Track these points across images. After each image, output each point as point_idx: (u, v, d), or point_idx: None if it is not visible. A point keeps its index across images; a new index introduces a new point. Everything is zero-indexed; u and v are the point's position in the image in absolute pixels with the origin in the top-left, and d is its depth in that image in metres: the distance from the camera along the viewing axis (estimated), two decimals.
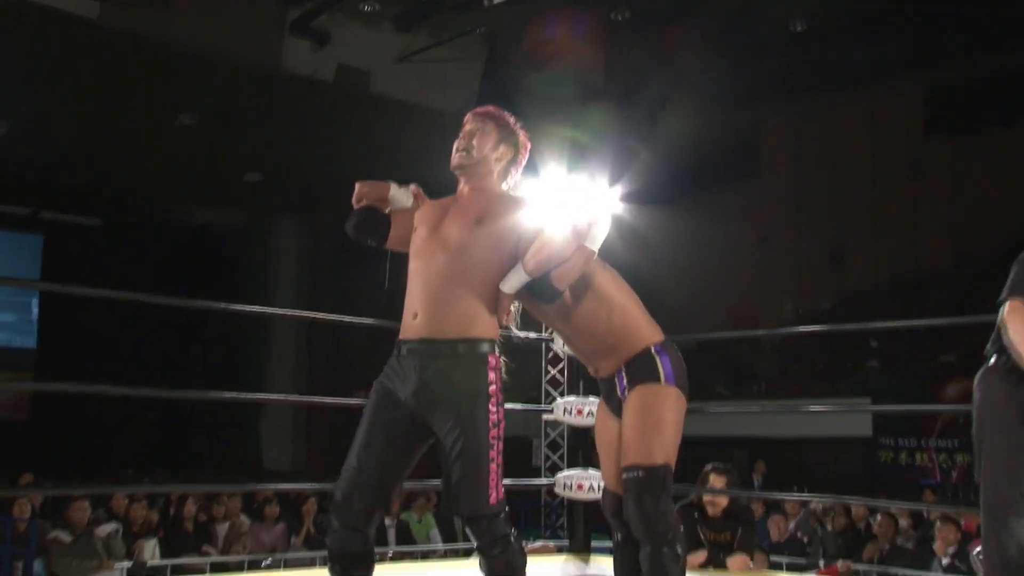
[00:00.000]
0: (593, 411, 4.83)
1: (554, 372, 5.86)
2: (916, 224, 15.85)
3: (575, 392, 5.25)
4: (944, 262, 15.62)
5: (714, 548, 5.14)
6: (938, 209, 15.65)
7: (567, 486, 5.07)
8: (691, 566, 4.93)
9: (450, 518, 9.12)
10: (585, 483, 4.96)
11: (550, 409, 5.28)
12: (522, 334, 3.18)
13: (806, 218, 16.85)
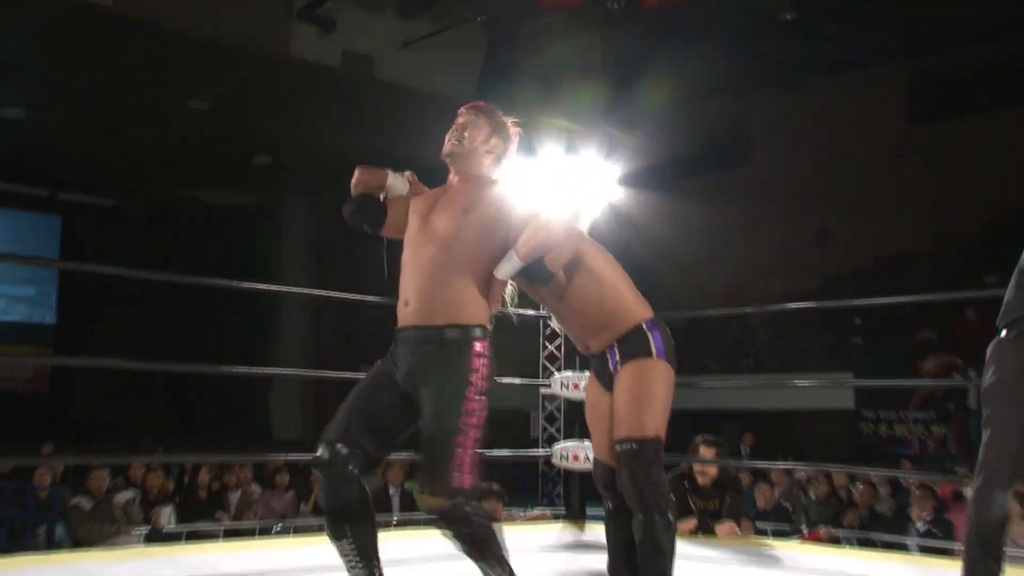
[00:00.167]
0: None
1: (551, 348, 5.85)
2: (898, 207, 15.81)
3: (571, 367, 5.24)
4: (923, 243, 15.62)
5: (703, 516, 5.15)
6: (918, 193, 15.61)
7: (563, 457, 5.08)
8: (681, 532, 4.94)
9: None
10: (581, 454, 4.97)
11: (548, 384, 5.28)
12: (519, 311, 3.15)
13: (794, 202, 16.81)
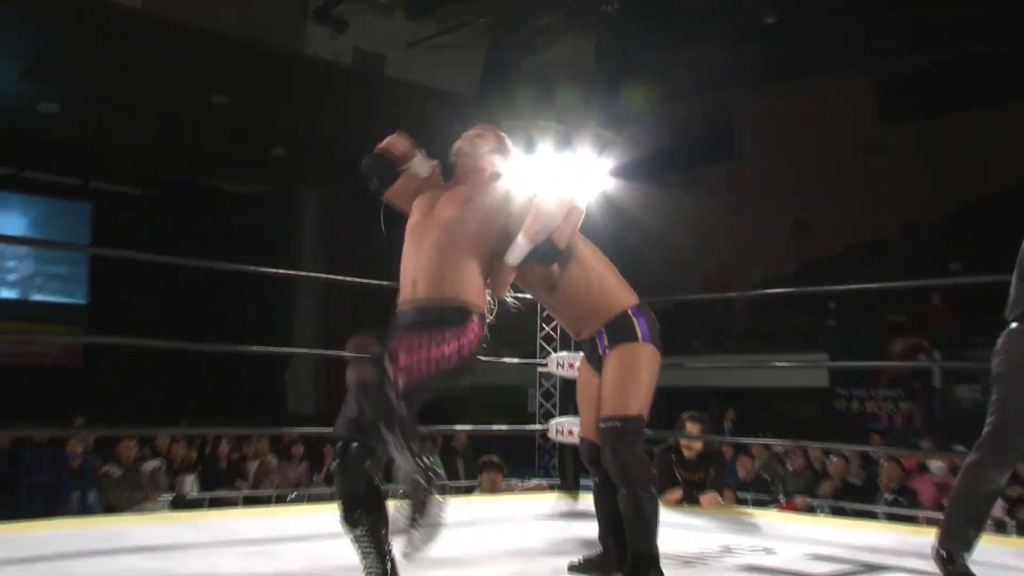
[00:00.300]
0: None
1: (548, 329, 5.86)
2: (869, 199, 15.83)
3: (567, 348, 5.26)
4: (893, 233, 15.64)
5: (689, 487, 5.18)
6: (888, 186, 15.61)
7: (559, 431, 5.10)
8: (668, 502, 4.98)
9: (454, 458, 9.18)
10: (575, 429, 4.99)
11: (544, 363, 5.30)
12: (517, 295, 3.15)
13: (773, 193, 16.80)
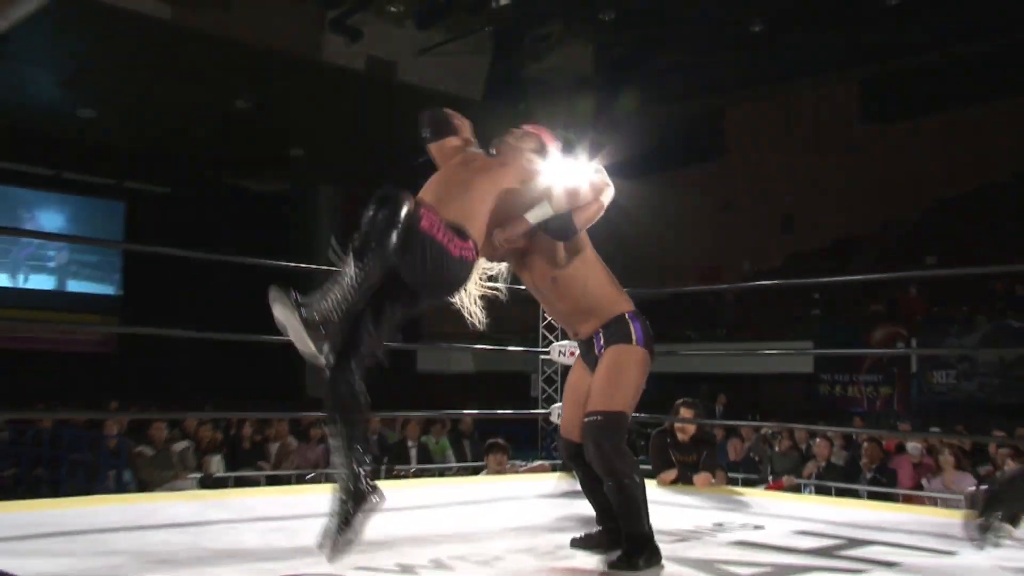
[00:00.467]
0: None
1: (550, 318, 5.75)
2: (850, 196, 15.73)
3: (568, 336, 5.15)
4: (872, 228, 15.53)
5: (683, 467, 5.10)
6: (868, 184, 15.53)
7: (560, 415, 5.00)
8: (663, 482, 4.90)
9: (461, 440, 9.10)
10: None
11: (547, 351, 5.21)
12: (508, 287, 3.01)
13: (761, 190, 16.70)
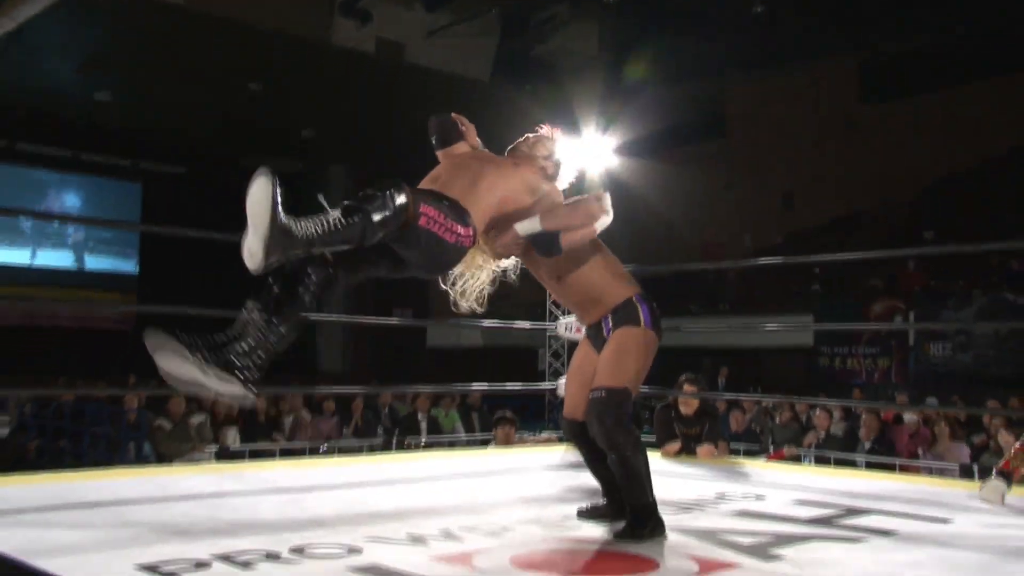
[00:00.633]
0: None
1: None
2: (851, 174, 15.65)
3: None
4: (872, 205, 15.46)
5: (686, 439, 5.13)
6: (867, 162, 15.44)
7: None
8: (668, 454, 4.93)
9: (470, 413, 9.16)
10: None
11: (553, 327, 5.23)
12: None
13: (762, 169, 16.63)
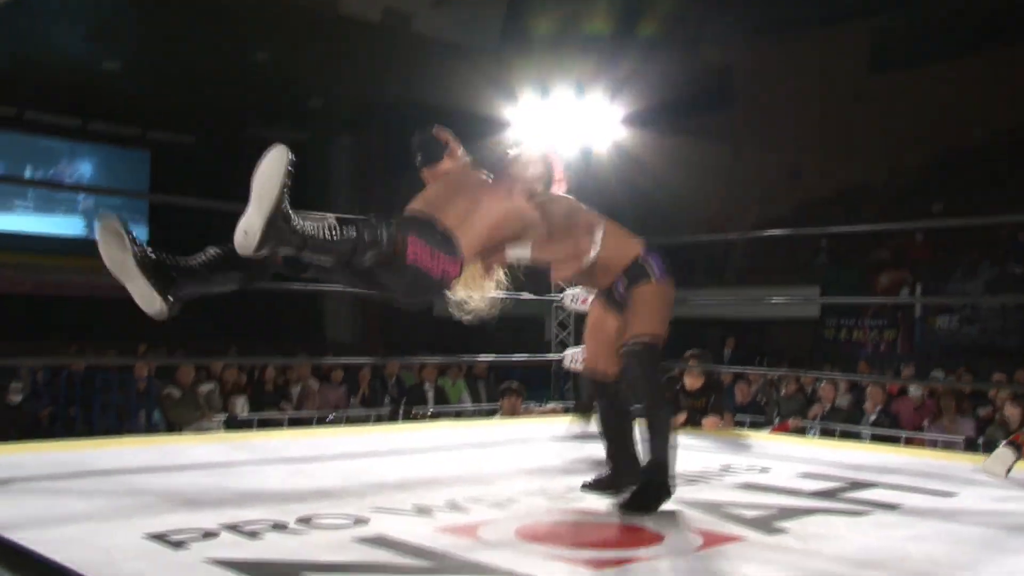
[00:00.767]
0: None
1: None
2: (859, 145, 15.49)
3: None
4: (880, 176, 15.32)
5: (692, 412, 5.12)
6: (876, 133, 15.27)
7: (573, 360, 5.01)
8: (673, 425, 4.92)
9: (477, 383, 9.15)
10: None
11: (560, 298, 5.19)
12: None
13: (770, 140, 16.47)
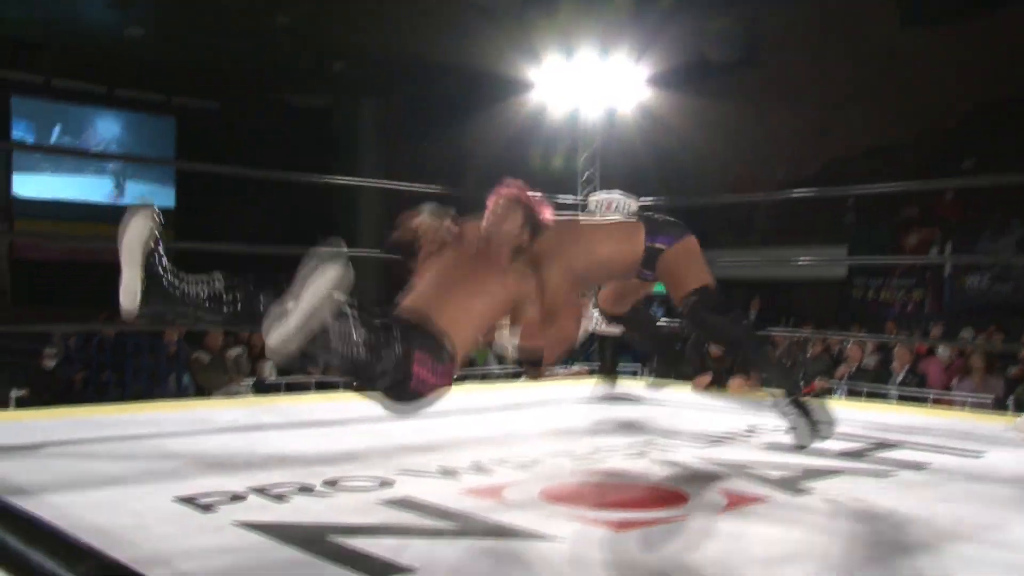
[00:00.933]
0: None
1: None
2: (888, 102, 15.21)
3: None
4: (910, 133, 15.04)
5: (717, 372, 5.10)
6: (907, 89, 14.96)
7: (597, 323, 4.97)
8: (699, 386, 4.90)
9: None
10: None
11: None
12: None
13: (798, 98, 16.19)
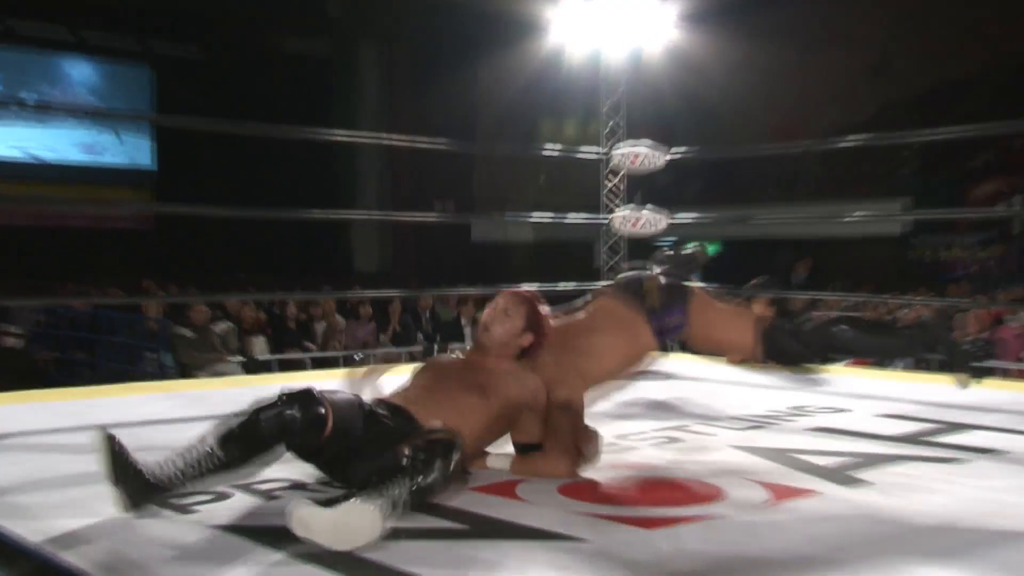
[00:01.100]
0: (650, 221, 4.66)
1: (614, 182, 5.41)
2: (950, 36, 14.80)
3: (633, 201, 4.97)
4: (975, 72, 14.64)
5: None
6: (971, 21, 14.54)
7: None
8: (733, 359, 4.78)
9: None
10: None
11: (608, 220, 5.02)
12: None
13: (847, 34, 15.81)
